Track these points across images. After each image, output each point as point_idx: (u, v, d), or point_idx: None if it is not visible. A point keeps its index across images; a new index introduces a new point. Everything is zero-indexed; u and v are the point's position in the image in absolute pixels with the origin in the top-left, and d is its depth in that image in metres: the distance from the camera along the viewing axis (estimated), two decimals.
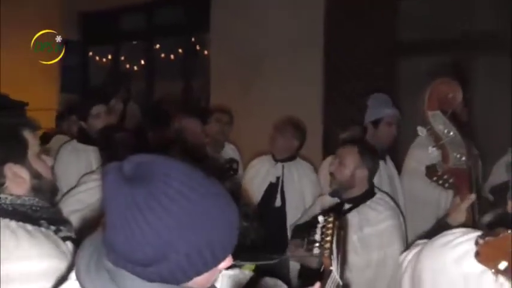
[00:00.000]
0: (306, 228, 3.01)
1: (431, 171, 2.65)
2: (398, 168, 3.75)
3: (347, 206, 2.84)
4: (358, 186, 2.82)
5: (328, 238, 1.80)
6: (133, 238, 0.99)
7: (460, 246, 1.49)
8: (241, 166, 4.22)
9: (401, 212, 3.14)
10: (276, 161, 3.92)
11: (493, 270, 1.15)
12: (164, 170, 1.03)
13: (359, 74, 4.93)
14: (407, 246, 3.21)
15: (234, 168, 3.50)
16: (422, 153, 3.60)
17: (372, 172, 2.88)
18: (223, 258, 1.06)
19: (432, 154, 2.11)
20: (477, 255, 1.17)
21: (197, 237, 1.01)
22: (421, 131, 2.08)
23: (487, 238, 1.15)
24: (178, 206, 1.00)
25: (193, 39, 6.93)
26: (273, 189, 3.85)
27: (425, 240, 1.80)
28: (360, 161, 2.79)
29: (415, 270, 1.67)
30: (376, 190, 2.91)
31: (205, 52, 6.55)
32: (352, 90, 4.90)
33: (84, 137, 3.66)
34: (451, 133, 2.02)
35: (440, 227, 1.92)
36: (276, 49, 5.34)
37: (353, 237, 2.69)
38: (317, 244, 1.81)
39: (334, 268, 1.72)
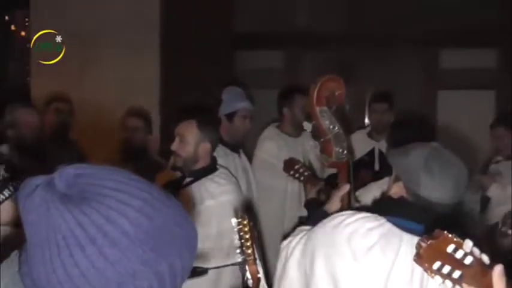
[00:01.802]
0: None
1: (288, 165, 2.71)
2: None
3: (188, 179, 2.81)
4: (202, 159, 2.80)
5: (249, 243, 1.73)
6: (82, 274, 0.78)
7: (349, 226, 1.65)
8: None
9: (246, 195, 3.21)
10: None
11: (428, 271, 1.18)
12: (112, 184, 0.83)
13: (196, 60, 4.85)
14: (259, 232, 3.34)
15: None
16: (271, 146, 3.74)
17: (214, 144, 2.87)
18: (180, 285, 0.90)
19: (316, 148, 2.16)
20: (418, 257, 1.20)
21: (161, 265, 0.84)
22: (307, 126, 2.12)
23: (429, 241, 1.18)
24: (140, 229, 0.81)
25: (6, 17, 6.19)
26: None
27: (308, 227, 1.88)
28: (200, 135, 2.77)
29: (306, 253, 1.74)
30: (218, 166, 2.91)
31: (22, 33, 5.92)
32: (190, 77, 4.81)
33: None
34: (336, 128, 2.09)
35: (320, 214, 2.01)
36: (108, 30, 4.93)
37: (193, 210, 2.68)
38: (238, 251, 1.72)
39: (261, 274, 1.66)
